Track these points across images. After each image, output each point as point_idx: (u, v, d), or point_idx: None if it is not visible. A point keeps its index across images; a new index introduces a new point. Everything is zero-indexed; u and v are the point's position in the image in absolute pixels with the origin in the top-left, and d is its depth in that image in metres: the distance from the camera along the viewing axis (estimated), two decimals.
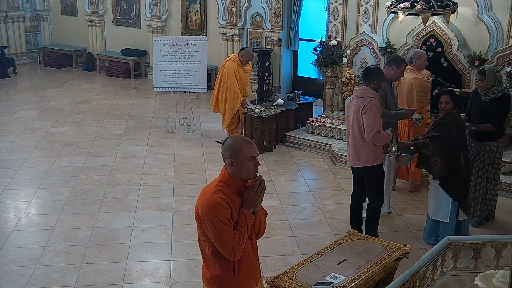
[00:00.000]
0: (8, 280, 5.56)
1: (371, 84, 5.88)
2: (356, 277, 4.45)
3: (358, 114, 5.81)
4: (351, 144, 5.98)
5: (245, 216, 3.42)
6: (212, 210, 3.34)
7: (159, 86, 10.21)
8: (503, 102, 6.41)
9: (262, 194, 3.47)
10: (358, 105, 5.82)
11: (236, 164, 3.40)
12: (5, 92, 12.94)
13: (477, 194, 6.65)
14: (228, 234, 3.35)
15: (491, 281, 4.41)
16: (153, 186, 7.83)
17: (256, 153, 3.46)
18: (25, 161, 8.71)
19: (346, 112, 6.14)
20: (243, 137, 3.56)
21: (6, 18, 15.27)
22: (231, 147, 3.43)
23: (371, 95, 5.82)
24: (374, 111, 5.75)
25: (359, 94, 5.87)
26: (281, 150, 9.27)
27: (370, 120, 5.73)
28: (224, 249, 3.38)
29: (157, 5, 13.68)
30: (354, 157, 5.98)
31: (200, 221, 3.44)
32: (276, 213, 6.99)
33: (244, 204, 3.44)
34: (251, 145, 3.46)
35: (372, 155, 5.89)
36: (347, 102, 6.16)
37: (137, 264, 5.90)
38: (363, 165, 5.96)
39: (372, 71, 6.00)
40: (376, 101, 5.82)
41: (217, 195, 3.37)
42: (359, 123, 5.83)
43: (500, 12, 8.27)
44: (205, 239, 3.49)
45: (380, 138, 5.80)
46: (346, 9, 9.60)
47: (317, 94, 11.16)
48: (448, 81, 8.54)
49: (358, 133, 5.87)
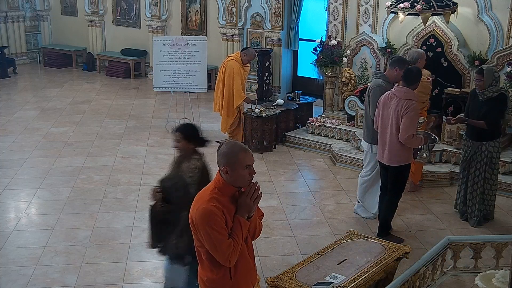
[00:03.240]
0: (8, 280, 5.56)
1: (412, 86, 6.01)
2: (356, 277, 4.45)
3: (399, 115, 5.93)
4: (388, 143, 6.08)
5: (240, 223, 3.37)
6: (206, 219, 3.29)
7: (159, 86, 10.21)
8: (499, 101, 6.42)
9: (257, 200, 3.41)
10: (400, 106, 5.93)
11: (231, 172, 3.34)
12: (5, 92, 12.94)
13: (474, 194, 6.66)
14: (223, 243, 3.31)
15: (491, 281, 4.41)
16: (153, 186, 7.81)
17: (252, 161, 3.40)
18: (25, 161, 8.71)
19: (381, 109, 6.16)
20: (239, 145, 3.46)
21: (6, 18, 15.27)
22: (226, 155, 3.35)
23: (414, 98, 5.97)
24: (414, 115, 5.92)
25: (402, 96, 5.96)
26: (281, 150, 9.27)
27: (408, 123, 5.88)
28: (219, 257, 3.35)
29: (157, 5, 13.68)
30: (388, 155, 6.11)
31: (195, 228, 3.41)
32: (276, 213, 6.99)
33: (239, 210, 3.39)
34: (247, 153, 3.38)
35: (405, 155, 6.06)
36: (381, 99, 6.16)
37: (137, 264, 5.89)
38: (395, 164, 6.10)
39: (415, 73, 6.09)
40: (417, 105, 6.01)
41: (212, 204, 3.32)
42: (398, 123, 5.95)
43: (500, 12, 8.27)
44: (200, 245, 3.46)
45: (413, 141, 5.95)
46: (346, 9, 9.61)
47: (317, 94, 11.15)
48: (448, 81, 8.54)
49: (396, 133, 5.98)
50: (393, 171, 6.16)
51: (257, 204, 3.45)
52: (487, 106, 6.38)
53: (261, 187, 3.49)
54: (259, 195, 3.41)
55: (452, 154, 8.10)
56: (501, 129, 7.01)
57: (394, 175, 6.19)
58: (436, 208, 7.21)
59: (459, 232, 6.53)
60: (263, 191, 3.54)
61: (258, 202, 3.43)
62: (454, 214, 7.00)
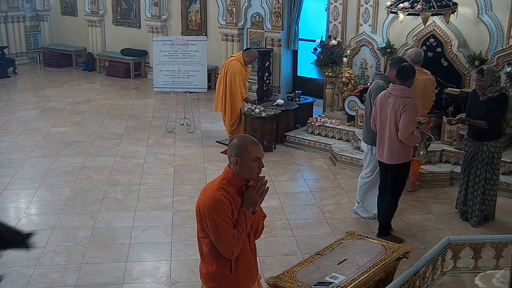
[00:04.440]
0: (8, 280, 5.55)
1: (407, 83, 6.02)
2: (356, 277, 4.45)
3: (397, 113, 5.93)
4: (387, 142, 6.09)
5: (245, 215, 3.45)
6: (214, 207, 3.37)
7: (159, 86, 10.21)
8: (500, 101, 6.41)
9: (263, 194, 3.49)
10: (397, 105, 5.93)
11: (240, 164, 3.43)
12: (5, 92, 12.94)
13: (475, 194, 6.66)
14: (228, 233, 3.37)
15: (491, 281, 4.41)
16: (153, 186, 7.84)
17: (261, 154, 3.49)
18: (25, 161, 8.71)
19: (379, 109, 6.18)
20: (250, 137, 3.56)
21: (6, 18, 15.26)
22: (237, 146, 3.45)
23: (410, 96, 5.98)
24: (413, 112, 5.92)
25: (399, 94, 5.97)
26: (281, 150, 9.27)
27: (407, 121, 5.88)
28: (223, 247, 3.40)
29: (157, 5, 13.68)
30: (389, 154, 6.11)
31: (200, 217, 3.46)
32: (276, 213, 6.99)
33: (244, 203, 3.47)
34: (257, 146, 3.48)
35: (405, 153, 6.07)
36: (377, 98, 6.18)
37: (137, 264, 5.89)
38: (395, 162, 6.11)
39: (408, 70, 6.10)
40: (415, 102, 6.00)
41: (220, 193, 3.40)
42: (396, 122, 5.96)
43: (500, 12, 8.27)
44: (203, 236, 3.51)
45: (412, 139, 5.97)
46: (346, 9, 9.61)
47: (317, 94, 11.15)
48: (448, 81, 8.54)
49: (395, 131, 5.99)
50: (394, 169, 6.16)
51: (263, 198, 3.51)
52: (488, 106, 6.38)
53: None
54: (265, 189, 3.49)
55: (452, 154, 8.10)
56: (503, 129, 7.01)
57: (394, 174, 6.19)
58: (436, 208, 7.21)
59: (459, 232, 6.53)
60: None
61: (264, 196, 3.50)
62: (454, 214, 7.00)
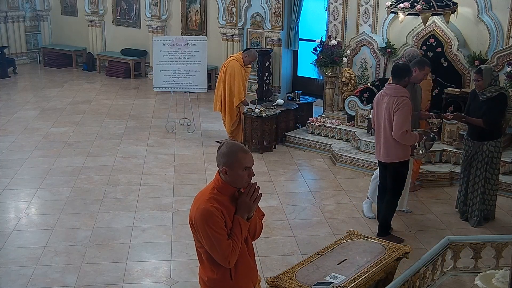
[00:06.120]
0: (8, 280, 5.56)
1: (402, 82, 6.00)
2: (356, 277, 4.44)
3: (390, 112, 5.93)
4: (382, 141, 6.09)
5: (239, 224, 3.37)
6: (205, 220, 3.29)
7: (159, 86, 10.21)
8: (499, 101, 6.41)
9: (257, 201, 3.41)
10: (391, 103, 5.92)
11: (230, 173, 3.34)
12: (5, 92, 12.94)
13: (475, 193, 6.65)
14: (223, 244, 3.30)
15: (491, 281, 4.41)
16: (153, 186, 7.84)
17: (251, 162, 3.39)
18: (25, 161, 8.71)
19: (375, 108, 6.19)
20: (239, 145, 3.43)
21: (6, 18, 15.27)
22: (226, 155, 3.35)
23: (404, 95, 5.94)
24: (406, 111, 5.89)
25: (392, 93, 5.96)
26: (281, 150, 9.26)
27: (401, 119, 5.86)
28: (219, 258, 3.35)
29: (157, 5, 13.68)
30: (385, 153, 6.10)
31: (194, 229, 3.40)
32: (276, 213, 6.99)
33: (238, 211, 3.38)
34: (246, 154, 3.37)
35: (402, 151, 6.04)
36: (375, 98, 6.20)
37: (137, 264, 5.89)
38: (392, 161, 6.10)
39: (402, 68, 6.08)
40: (408, 100, 5.95)
41: (211, 204, 3.31)
42: (390, 121, 5.95)
43: (500, 12, 8.27)
44: (200, 245, 3.46)
45: (407, 138, 5.93)
46: (346, 9, 9.61)
47: (317, 94, 11.16)
48: (448, 81, 8.54)
49: (389, 130, 5.98)
50: (392, 168, 6.15)
51: (257, 204, 3.44)
52: (487, 105, 6.37)
53: (261, 187, 3.49)
54: (259, 195, 3.40)
55: (452, 154, 8.10)
56: (502, 129, 7.00)
57: (393, 173, 6.17)
58: (436, 208, 7.21)
59: (459, 232, 6.52)
60: (263, 191, 3.53)
61: (258, 202, 3.43)
62: (454, 214, 7.00)
